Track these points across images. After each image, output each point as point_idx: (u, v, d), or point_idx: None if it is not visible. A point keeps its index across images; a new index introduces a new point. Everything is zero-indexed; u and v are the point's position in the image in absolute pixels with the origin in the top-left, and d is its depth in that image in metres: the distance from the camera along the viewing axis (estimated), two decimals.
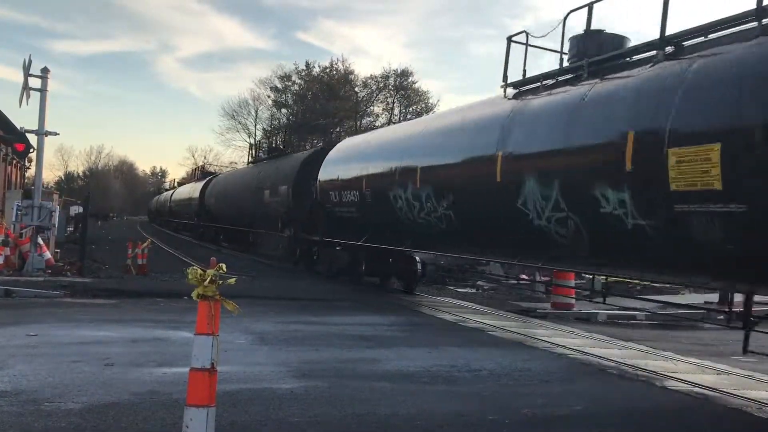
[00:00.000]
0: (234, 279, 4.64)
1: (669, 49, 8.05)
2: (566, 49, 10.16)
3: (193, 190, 42.18)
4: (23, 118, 36.73)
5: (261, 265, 23.67)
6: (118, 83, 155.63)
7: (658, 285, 18.36)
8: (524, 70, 11.01)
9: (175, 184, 65.27)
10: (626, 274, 10.75)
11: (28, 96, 16.14)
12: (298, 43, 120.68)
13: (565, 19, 10.06)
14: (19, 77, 16.08)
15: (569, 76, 9.90)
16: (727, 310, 8.69)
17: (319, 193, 18.28)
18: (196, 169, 58.30)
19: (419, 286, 18.00)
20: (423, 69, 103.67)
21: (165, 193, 64.54)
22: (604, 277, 11.93)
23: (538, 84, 10.59)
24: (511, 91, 11.23)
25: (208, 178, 40.33)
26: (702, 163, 6.63)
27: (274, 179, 23.77)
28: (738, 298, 8.45)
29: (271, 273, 20.44)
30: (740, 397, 7.55)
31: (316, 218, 18.95)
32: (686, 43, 7.94)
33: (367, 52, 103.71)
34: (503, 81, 11.39)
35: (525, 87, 10.93)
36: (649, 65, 8.08)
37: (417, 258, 17.14)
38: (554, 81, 10.26)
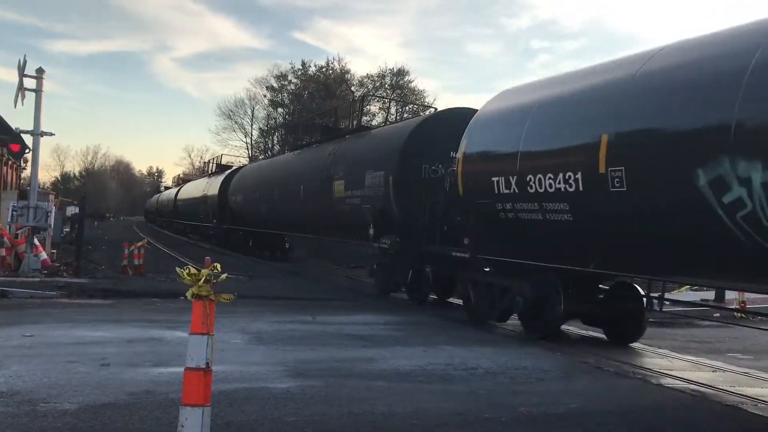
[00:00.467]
0: (225, 275, 4.61)
1: None
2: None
3: (208, 186, 35.85)
4: (19, 118, 36.57)
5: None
6: (115, 83, 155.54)
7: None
8: None
9: (179, 181, 60.57)
10: None
11: (23, 96, 16.11)
12: (294, 42, 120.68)
13: None
14: (15, 77, 15.97)
15: None
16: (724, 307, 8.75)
17: (463, 180, 11.97)
18: (209, 161, 49.88)
19: None
20: (420, 68, 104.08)
21: (167, 192, 60.31)
22: None
23: None
24: None
25: (229, 172, 34.16)
26: None
27: (354, 164, 17.05)
28: (731, 295, 8.49)
29: (267, 273, 20.42)
30: (736, 394, 7.57)
31: (462, 222, 12.53)
32: None
33: (363, 51, 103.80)
34: None
35: None
36: None
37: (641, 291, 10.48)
38: None
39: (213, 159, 48.97)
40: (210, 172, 42.94)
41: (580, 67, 10.53)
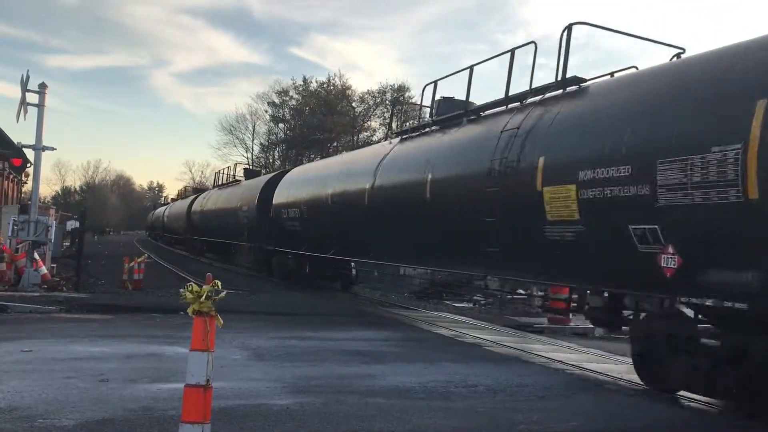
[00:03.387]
0: (224, 293, 4.62)
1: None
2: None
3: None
4: (20, 133, 36.68)
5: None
6: (113, 98, 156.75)
7: None
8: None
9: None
10: None
11: (26, 111, 16.16)
12: (291, 58, 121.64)
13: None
14: (13, 92, 16.10)
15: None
16: None
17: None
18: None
19: (416, 301, 18.14)
20: (417, 84, 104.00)
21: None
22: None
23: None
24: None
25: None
26: None
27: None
28: None
29: (267, 287, 20.39)
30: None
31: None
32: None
33: (359, 67, 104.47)
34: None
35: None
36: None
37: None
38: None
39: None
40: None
41: None
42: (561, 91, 10.01)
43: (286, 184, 21.57)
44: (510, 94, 11.28)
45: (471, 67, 12.80)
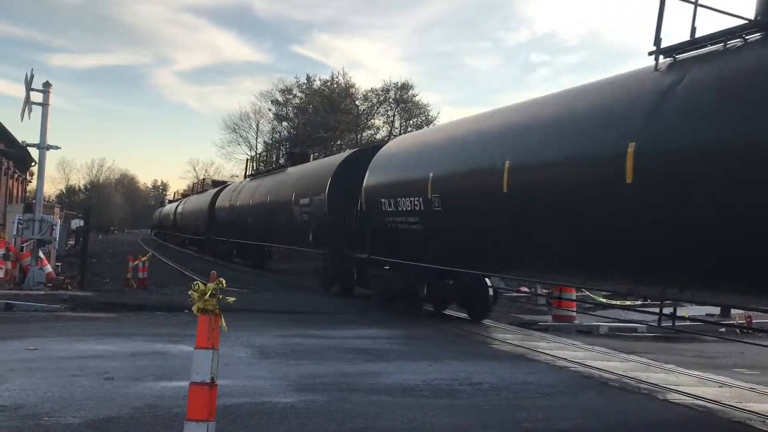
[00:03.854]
0: (233, 299, 4.63)
1: None
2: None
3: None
4: (25, 132, 36.81)
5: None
6: (116, 97, 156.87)
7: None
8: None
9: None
10: None
11: (30, 110, 16.20)
12: (294, 56, 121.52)
13: None
14: (17, 91, 16.18)
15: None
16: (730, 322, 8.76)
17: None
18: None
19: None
20: (420, 82, 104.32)
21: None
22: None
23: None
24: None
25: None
26: None
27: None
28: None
29: (270, 286, 20.39)
30: (743, 410, 7.51)
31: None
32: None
33: (363, 65, 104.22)
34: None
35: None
36: None
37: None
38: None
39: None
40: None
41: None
42: None
43: (384, 162, 15.02)
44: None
45: None
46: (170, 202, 66.52)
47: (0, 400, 6.07)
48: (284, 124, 61.66)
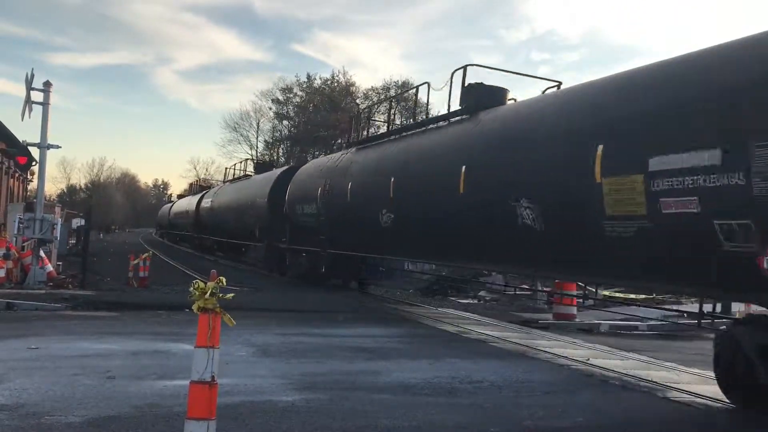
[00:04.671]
0: (232, 294, 4.63)
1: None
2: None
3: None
4: (25, 131, 36.80)
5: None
6: (117, 96, 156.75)
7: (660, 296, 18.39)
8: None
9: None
10: None
11: (30, 109, 16.20)
12: (294, 54, 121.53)
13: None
14: (18, 90, 16.20)
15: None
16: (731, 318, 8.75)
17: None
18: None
19: (421, 297, 18.64)
20: (420, 80, 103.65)
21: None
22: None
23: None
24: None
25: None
26: None
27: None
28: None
29: (273, 285, 20.43)
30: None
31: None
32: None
33: (364, 63, 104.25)
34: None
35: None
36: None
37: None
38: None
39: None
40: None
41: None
42: None
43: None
44: None
45: None
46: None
47: (1, 399, 6.08)
48: (285, 122, 61.72)
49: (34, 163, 25.41)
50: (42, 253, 16.67)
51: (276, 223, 21.93)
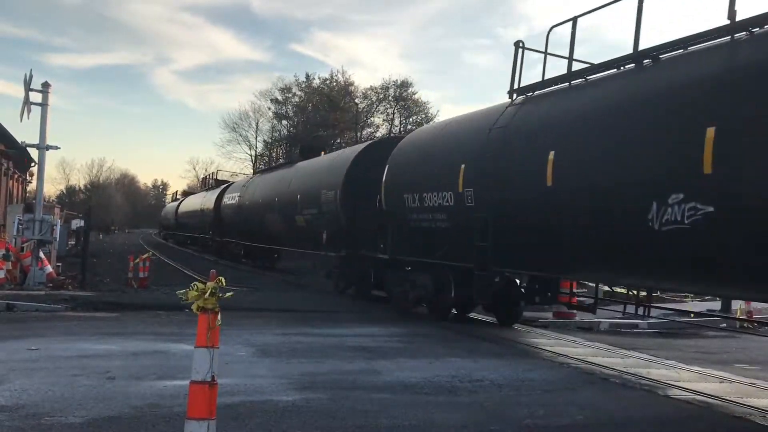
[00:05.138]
0: (231, 294, 4.63)
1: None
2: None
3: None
4: (24, 132, 36.82)
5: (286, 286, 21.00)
6: (116, 96, 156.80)
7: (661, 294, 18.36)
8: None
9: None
10: None
11: (29, 110, 16.19)
12: (293, 54, 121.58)
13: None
14: (17, 91, 16.17)
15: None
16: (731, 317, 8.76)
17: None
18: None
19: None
20: (419, 79, 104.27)
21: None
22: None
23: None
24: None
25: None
26: None
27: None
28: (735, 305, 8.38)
29: (270, 284, 20.39)
30: (744, 405, 7.52)
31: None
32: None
33: (362, 63, 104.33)
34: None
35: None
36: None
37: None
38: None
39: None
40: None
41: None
42: None
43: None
44: None
45: None
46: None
47: (1, 399, 6.07)
48: (284, 122, 61.74)
49: (33, 164, 25.40)
50: (41, 254, 16.66)
51: (360, 223, 15.93)
